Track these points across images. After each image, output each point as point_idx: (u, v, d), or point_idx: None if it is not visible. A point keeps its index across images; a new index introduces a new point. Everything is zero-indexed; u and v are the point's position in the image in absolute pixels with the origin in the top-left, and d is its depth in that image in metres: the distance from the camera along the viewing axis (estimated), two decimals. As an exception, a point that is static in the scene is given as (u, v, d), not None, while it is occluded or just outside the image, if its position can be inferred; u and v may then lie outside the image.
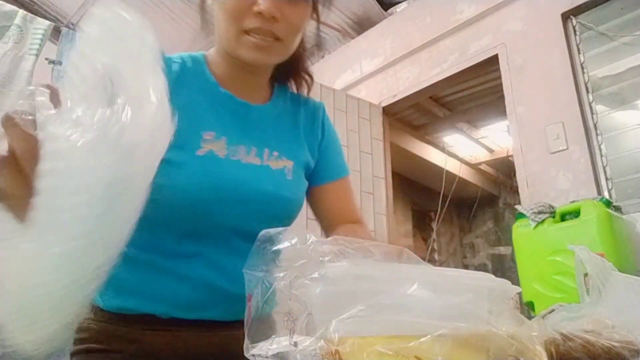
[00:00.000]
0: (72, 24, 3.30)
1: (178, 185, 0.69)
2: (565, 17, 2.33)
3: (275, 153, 0.81)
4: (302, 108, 0.92)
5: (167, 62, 0.79)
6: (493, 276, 0.40)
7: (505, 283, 0.40)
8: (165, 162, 0.69)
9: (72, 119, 0.32)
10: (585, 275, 0.65)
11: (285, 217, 0.79)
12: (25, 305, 0.32)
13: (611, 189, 2.03)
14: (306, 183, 0.87)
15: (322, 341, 0.35)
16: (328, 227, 0.88)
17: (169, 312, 0.71)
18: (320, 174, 0.90)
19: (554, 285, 1.62)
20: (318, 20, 0.86)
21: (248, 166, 0.76)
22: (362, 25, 3.49)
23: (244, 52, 0.75)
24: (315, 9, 0.83)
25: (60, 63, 2.18)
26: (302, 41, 0.86)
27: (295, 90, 0.93)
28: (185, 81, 0.79)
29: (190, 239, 0.73)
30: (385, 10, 3.39)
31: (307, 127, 0.91)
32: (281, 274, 0.40)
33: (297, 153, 0.85)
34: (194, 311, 0.73)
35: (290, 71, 0.91)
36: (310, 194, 0.90)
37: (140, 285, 0.71)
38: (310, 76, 0.93)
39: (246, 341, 0.40)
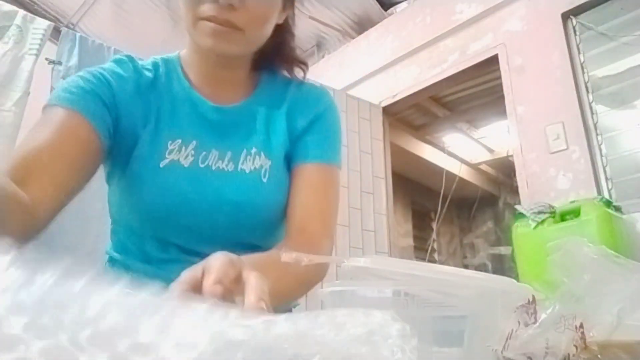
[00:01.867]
0: (72, 24, 3.30)
1: (142, 199, 0.70)
2: (565, 17, 2.33)
3: (254, 150, 0.76)
4: (292, 90, 0.83)
5: (139, 70, 0.77)
6: (514, 281, 0.40)
7: (525, 289, 0.40)
8: (133, 175, 0.72)
9: None
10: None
11: (260, 223, 0.75)
12: None
13: (611, 189, 2.03)
14: (288, 180, 0.78)
15: None
16: (286, 231, 0.75)
17: None
18: (296, 154, 0.78)
19: (554, 286, 1.62)
20: (293, 11, 0.79)
21: (217, 174, 0.73)
22: (362, 25, 3.49)
23: (202, 40, 0.69)
24: None
25: (60, 63, 2.17)
26: (288, 26, 0.80)
27: (288, 75, 0.85)
28: (157, 88, 0.76)
29: (174, 247, 0.73)
30: (385, 10, 3.39)
31: (296, 107, 0.81)
32: None
33: (278, 147, 0.78)
34: None
35: (276, 58, 0.83)
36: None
37: None
38: (302, 61, 0.84)
39: None
